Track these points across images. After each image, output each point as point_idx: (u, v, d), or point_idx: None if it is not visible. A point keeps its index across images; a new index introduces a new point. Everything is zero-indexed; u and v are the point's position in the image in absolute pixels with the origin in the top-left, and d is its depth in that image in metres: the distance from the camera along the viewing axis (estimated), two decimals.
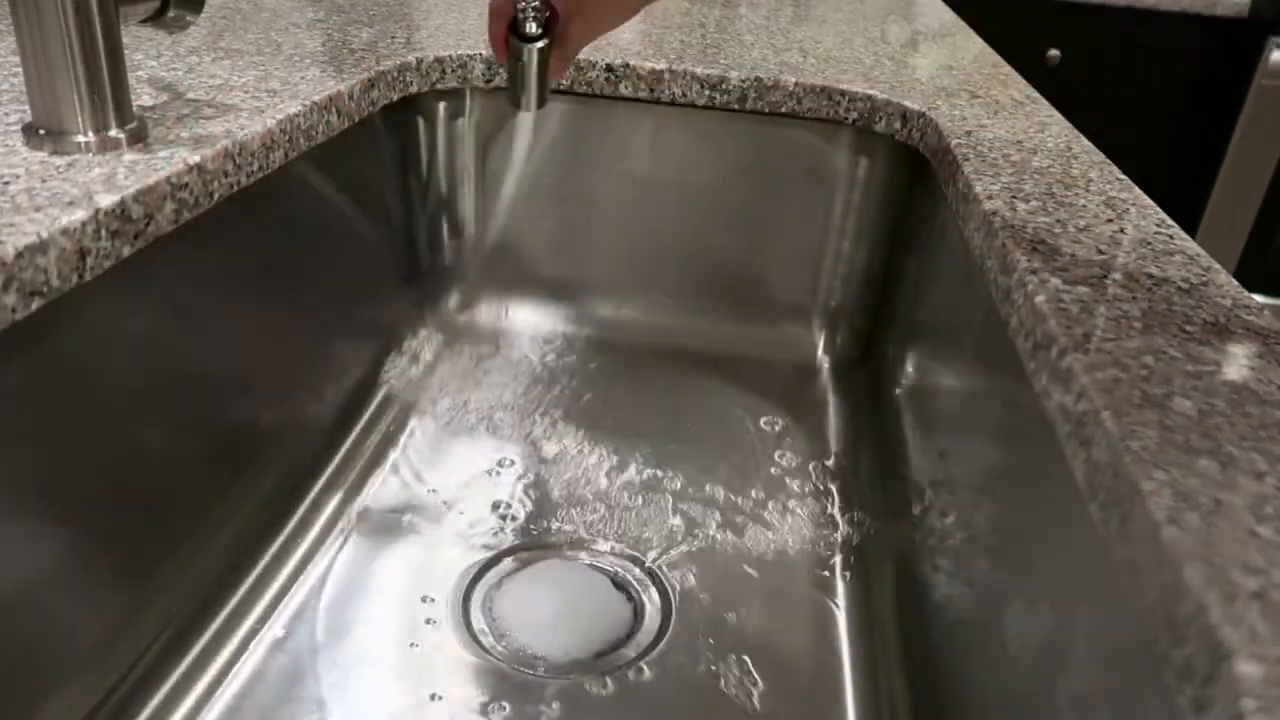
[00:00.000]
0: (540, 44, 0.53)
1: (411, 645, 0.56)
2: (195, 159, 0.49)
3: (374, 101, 0.71)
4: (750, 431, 0.78)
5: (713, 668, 0.56)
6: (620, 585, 0.61)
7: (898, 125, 0.76)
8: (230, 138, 0.52)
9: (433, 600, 0.59)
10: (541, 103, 0.56)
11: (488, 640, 0.56)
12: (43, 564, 0.45)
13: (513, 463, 0.72)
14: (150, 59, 0.66)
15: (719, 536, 0.66)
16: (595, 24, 0.54)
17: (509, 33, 0.52)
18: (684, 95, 0.79)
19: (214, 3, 0.87)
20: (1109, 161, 0.63)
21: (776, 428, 0.79)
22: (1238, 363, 0.37)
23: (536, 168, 0.85)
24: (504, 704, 0.52)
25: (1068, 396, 0.35)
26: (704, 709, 0.53)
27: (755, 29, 0.98)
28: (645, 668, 0.55)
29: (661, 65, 0.79)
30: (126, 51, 0.50)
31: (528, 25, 0.53)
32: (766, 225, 0.85)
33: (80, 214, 0.41)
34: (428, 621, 0.57)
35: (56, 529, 0.45)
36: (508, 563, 0.62)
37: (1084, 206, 0.54)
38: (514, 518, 0.66)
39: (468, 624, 0.57)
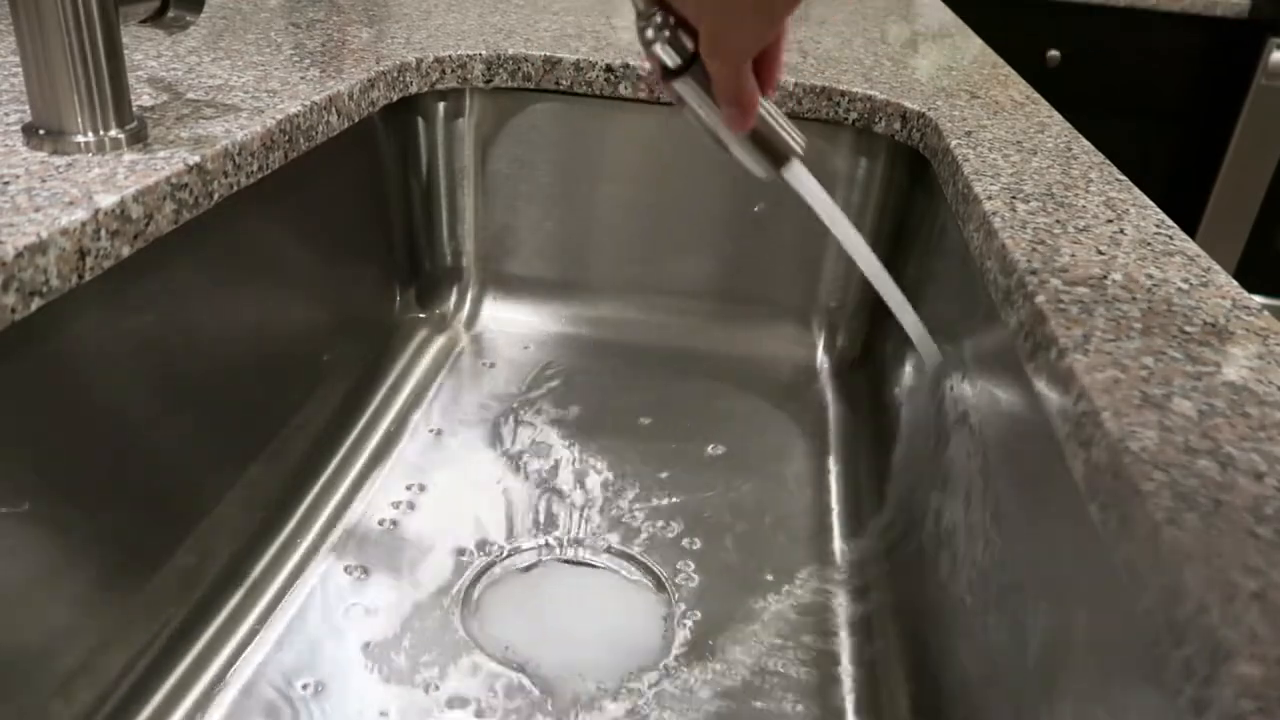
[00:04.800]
0: (682, 78, 0.42)
1: (411, 646, 0.56)
2: (195, 159, 0.49)
3: (374, 101, 0.71)
4: (750, 432, 0.78)
5: (713, 668, 0.56)
6: (623, 587, 0.61)
7: (897, 125, 0.76)
8: (230, 138, 0.52)
9: (433, 601, 0.59)
10: (785, 146, 0.45)
11: (486, 640, 0.56)
12: (42, 564, 0.45)
13: (512, 463, 0.72)
14: (150, 59, 0.66)
15: (718, 536, 0.66)
16: (735, 28, 0.41)
17: (666, 80, 0.44)
18: None
19: (214, 3, 0.87)
20: (1109, 161, 0.63)
21: (776, 428, 0.79)
22: (1238, 363, 0.37)
23: (536, 168, 0.85)
24: (505, 702, 0.52)
25: (1067, 397, 0.35)
26: (703, 708, 0.53)
27: None
28: (644, 670, 0.55)
29: None
30: (126, 51, 0.50)
31: (662, 53, 0.41)
32: (766, 226, 0.85)
33: (80, 214, 0.41)
34: (428, 621, 0.57)
35: (55, 529, 0.45)
36: (507, 564, 0.62)
37: (1084, 206, 0.54)
38: (513, 518, 0.66)
39: (467, 624, 0.57)
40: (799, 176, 0.49)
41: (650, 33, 0.42)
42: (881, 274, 0.55)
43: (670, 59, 0.42)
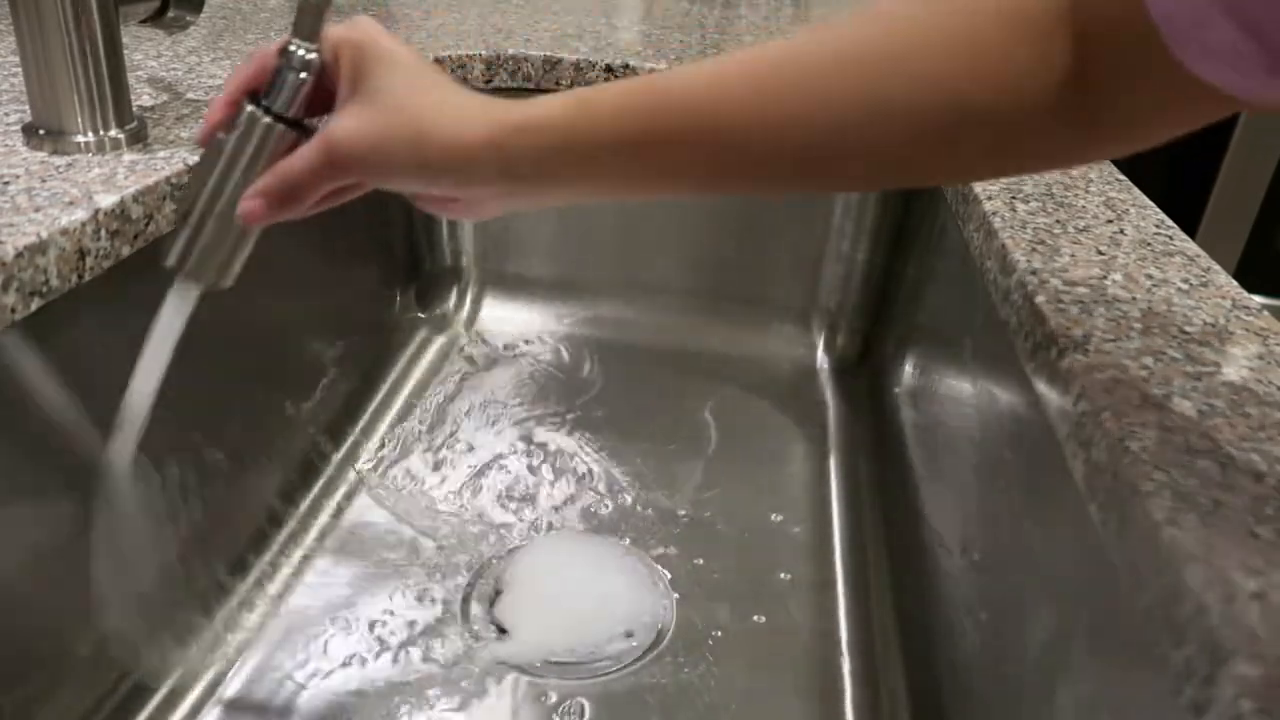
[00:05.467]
0: (278, 125, 0.35)
1: (411, 643, 0.56)
2: (195, 159, 0.49)
3: None
4: (750, 432, 0.78)
5: (713, 668, 0.56)
6: (622, 583, 0.61)
7: None
8: None
9: (433, 598, 0.59)
10: (220, 273, 0.37)
11: (488, 633, 0.56)
12: (43, 564, 0.45)
13: (512, 462, 0.72)
14: (150, 59, 0.66)
15: (718, 536, 0.66)
16: (381, 166, 0.34)
17: (245, 94, 0.36)
18: None
19: (214, 3, 0.87)
20: (1109, 162, 0.63)
21: (776, 428, 0.79)
22: (1238, 363, 0.37)
23: None
24: (508, 701, 0.52)
25: (1067, 398, 0.35)
26: (704, 708, 0.53)
27: (755, 29, 0.98)
28: (644, 666, 0.55)
29: (661, 65, 0.79)
30: (126, 51, 0.50)
31: (277, 96, 0.35)
32: (766, 226, 0.85)
33: (80, 214, 0.41)
34: (427, 618, 0.57)
35: (55, 528, 0.45)
36: (507, 560, 0.62)
37: (1084, 207, 0.54)
38: (513, 517, 0.66)
39: (468, 620, 0.57)
40: (180, 296, 0.40)
41: (298, 62, 0.35)
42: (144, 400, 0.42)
43: (285, 104, 0.35)
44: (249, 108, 0.35)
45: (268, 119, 0.35)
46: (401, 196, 0.39)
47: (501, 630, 0.57)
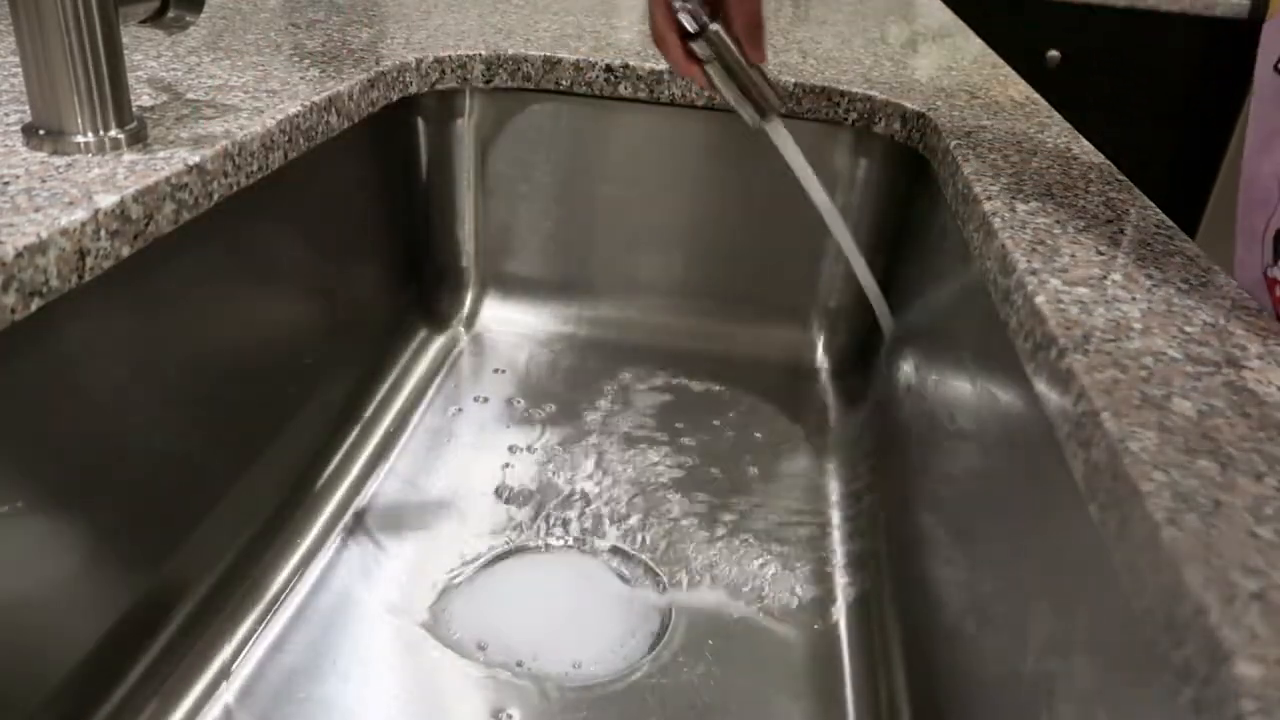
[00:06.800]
0: (715, 27, 0.54)
1: (411, 646, 0.56)
2: (195, 159, 0.49)
3: (374, 102, 0.71)
4: (749, 432, 0.78)
5: (713, 668, 0.56)
6: (620, 584, 0.61)
7: (897, 126, 0.76)
8: (230, 138, 0.52)
9: (433, 600, 0.59)
10: (770, 103, 0.57)
11: (487, 641, 0.56)
12: (42, 564, 0.45)
13: (511, 463, 0.72)
14: (150, 59, 0.66)
15: (717, 536, 0.66)
16: None
17: (684, 42, 0.53)
18: (684, 96, 0.79)
19: (214, 3, 0.87)
20: (1109, 161, 0.63)
21: (775, 429, 0.79)
22: (1237, 363, 0.37)
23: (536, 168, 0.85)
24: (508, 706, 0.52)
25: (1067, 397, 0.35)
26: (703, 708, 0.53)
27: None
28: (642, 668, 0.55)
29: (661, 65, 0.79)
30: (126, 51, 0.50)
31: (695, 20, 0.53)
32: (766, 226, 0.85)
33: (80, 214, 0.41)
34: (427, 622, 0.57)
35: (55, 529, 0.45)
36: (507, 563, 0.62)
37: (1084, 207, 0.54)
38: (513, 518, 0.66)
39: (468, 623, 0.57)
40: (778, 131, 0.62)
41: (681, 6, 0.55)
42: (847, 236, 0.66)
43: (690, 24, 0.54)
44: (692, 46, 0.56)
45: (704, 37, 0.55)
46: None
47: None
